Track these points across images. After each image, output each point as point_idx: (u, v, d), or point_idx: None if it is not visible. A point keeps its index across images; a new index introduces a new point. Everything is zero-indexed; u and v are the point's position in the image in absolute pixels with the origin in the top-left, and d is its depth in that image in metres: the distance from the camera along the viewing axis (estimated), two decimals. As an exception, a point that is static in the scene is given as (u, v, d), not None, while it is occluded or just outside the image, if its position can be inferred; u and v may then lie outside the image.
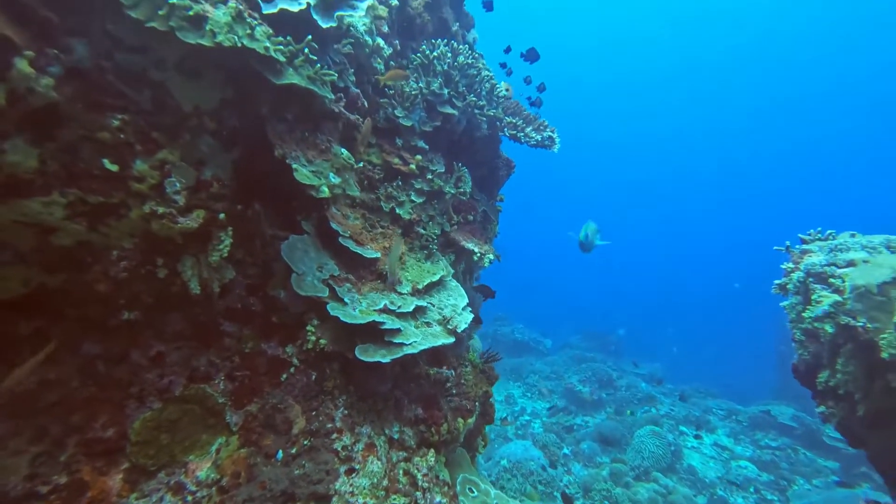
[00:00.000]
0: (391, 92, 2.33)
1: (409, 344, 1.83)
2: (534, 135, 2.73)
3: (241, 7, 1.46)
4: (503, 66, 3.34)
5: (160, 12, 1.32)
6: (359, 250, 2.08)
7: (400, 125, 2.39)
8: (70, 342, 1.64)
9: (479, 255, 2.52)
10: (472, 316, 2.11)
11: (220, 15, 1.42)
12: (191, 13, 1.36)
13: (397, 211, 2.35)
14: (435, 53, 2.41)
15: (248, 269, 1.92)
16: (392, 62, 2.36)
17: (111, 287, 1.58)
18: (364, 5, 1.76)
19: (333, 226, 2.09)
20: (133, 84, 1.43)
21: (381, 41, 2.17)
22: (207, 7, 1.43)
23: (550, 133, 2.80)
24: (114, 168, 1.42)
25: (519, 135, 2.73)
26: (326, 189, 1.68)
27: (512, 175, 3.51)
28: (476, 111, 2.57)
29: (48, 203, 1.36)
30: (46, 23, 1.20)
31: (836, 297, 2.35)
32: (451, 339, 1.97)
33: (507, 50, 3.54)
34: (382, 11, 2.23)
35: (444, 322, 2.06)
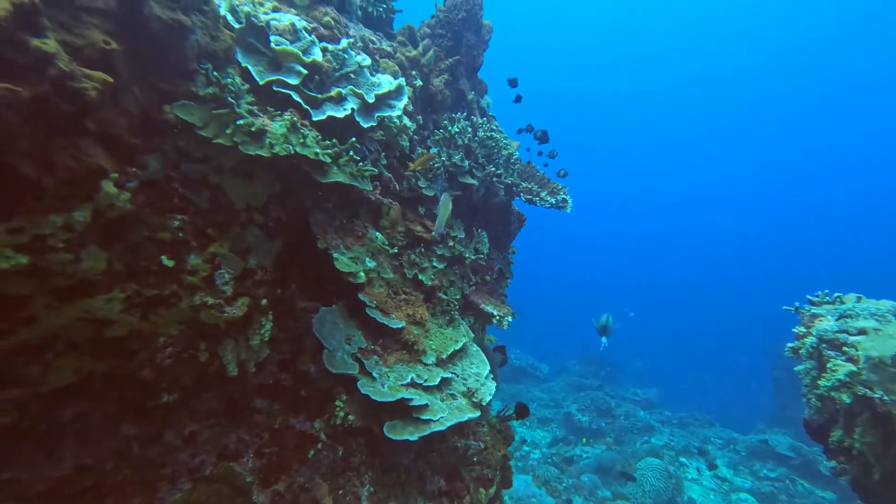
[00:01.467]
0: (410, 174, 2.47)
1: (437, 420, 1.89)
2: (548, 198, 2.88)
3: (295, 119, 1.59)
4: (520, 131, 3.53)
5: (227, 130, 1.44)
6: (385, 321, 2.16)
7: (423, 195, 2.51)
8: (108, 425, 1.68)
9: (498, 318, 2.61)
10: (495, 385, 2.19)
11: (276, 127, 1.54)
12: (253, 129, 1.48)
13: (420, 277, 2.44)
14: (456, 129, 2.56)
15: (281, 345, 1.99)
16: (415, 136, 2.51)
17: (155, 373, 1.64)
18: (401, 104, 1.91)
19: (361, 296, 2.18)
20: (194, 188, 1.53)
21: (406, 120, 2.31)
22: (265, 121, 1.55)
23: (564, 196, 2.96)
24: (170, 263, 1.51)
25: (534, 199, 2.88)
26: (363, 275, 1.78)
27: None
28: (494, 179, 2.72)
29: (109, 299, 1.43)
30: (132, 148, 1.30)
31: (851, 367, 2.45)
32: (477, 414, 2.04)
33: (517, 99, 3.70)
34: (409, 92, 2.38)
35: (469, 394, 2.13)
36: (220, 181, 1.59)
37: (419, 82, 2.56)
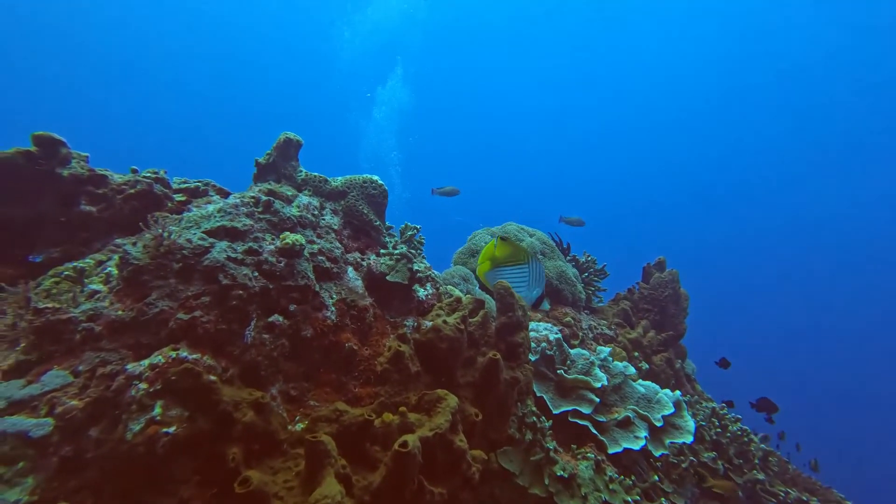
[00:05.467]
0: (658, 465, 2.13)
1: None
2: None
3: (598, 457, 1.50)
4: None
5: (545, 481, 1.38)
6: None
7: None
8: None
9: None
10: None
11: (583, 470, 1.45)
12: (566, 475, 1.39)
13: None
14: (701, 422, 2.28)
15: None
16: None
17: None
18: (690, 426, 1.77)
19: None
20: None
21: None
22: (571, 462, 1.48)
23: None
24: None
25: None
26: None
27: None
28: (759, 488, 2.18)
29: None
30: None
31: None
32: None
33: (726, 365, 3.41)
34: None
35: None
36: (519, 528, 1.45)
37: (645, 365, 2.51)
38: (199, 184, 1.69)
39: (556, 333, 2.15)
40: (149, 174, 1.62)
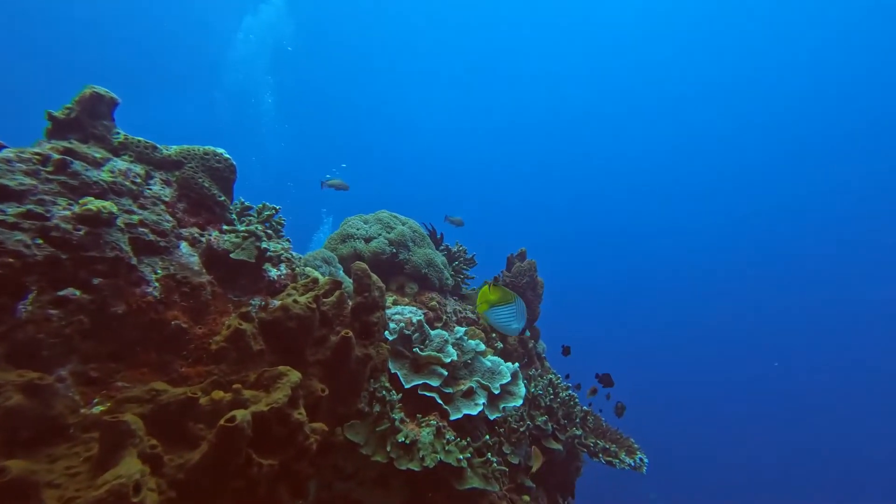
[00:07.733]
0: (501, 430, 2.44)
1: None
2: (626, 459, 2.75)
3: (439, 424, 1.66)
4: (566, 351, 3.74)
5: (388, 448, 1.48)
6: None
7: (508, 463, 2.39)
8: None
9: None
10: None
11: (424, 436, 1.60)
12: (407, 442, 1.52)
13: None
14: (539, 392, 2.68)
15: None
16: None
17: None
18: (521, 392, 2.07)
19: None
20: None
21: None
22: (415, 429, 1.62)
23: (641, 455, 2.83)
24: None
25: (613, 461, 2.73)
26: None
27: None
28: (576, 442, 2.66)
29: None
30: (306, 478, 1.30)
31: None
32: None
33: (566, 352, 4.01)
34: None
35: None
36: (361, 495, 1.53)
37: (500, 345, 2.83)
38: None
39: (420, 316, 2.29)
40: None
